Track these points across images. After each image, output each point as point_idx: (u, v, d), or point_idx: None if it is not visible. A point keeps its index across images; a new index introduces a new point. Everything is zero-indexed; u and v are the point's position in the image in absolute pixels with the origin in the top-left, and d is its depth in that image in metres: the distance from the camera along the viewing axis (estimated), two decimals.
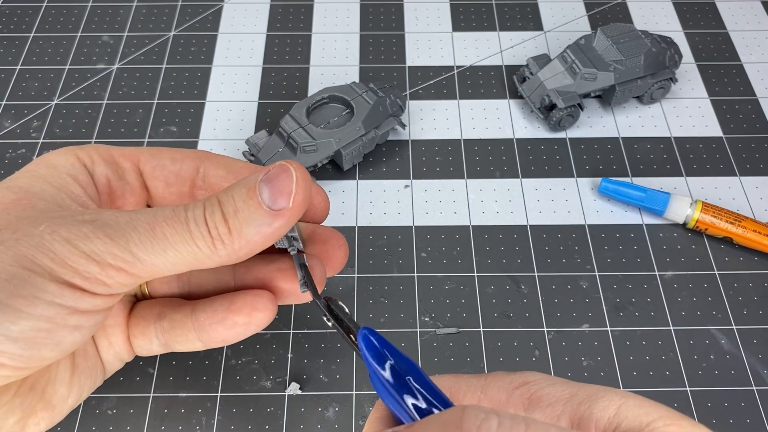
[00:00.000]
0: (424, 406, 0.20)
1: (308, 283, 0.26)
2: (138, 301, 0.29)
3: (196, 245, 0.22)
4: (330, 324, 0.24)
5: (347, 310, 0.25)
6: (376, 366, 0.21)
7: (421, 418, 0.20)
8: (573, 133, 0.46)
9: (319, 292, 0.26)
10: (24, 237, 0.21)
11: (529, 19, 0.53)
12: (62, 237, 0.21)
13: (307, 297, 0.27)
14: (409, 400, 0.20)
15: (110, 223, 0.22)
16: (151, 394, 0.35)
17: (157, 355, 0.37)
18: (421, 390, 0.20)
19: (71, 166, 0.25)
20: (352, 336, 0.23)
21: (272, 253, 0.28)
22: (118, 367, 0.28)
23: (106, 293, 0.22)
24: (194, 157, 0.27)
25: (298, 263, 0.26)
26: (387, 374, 0.21)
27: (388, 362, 0.21)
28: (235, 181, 0.27)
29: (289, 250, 0.26)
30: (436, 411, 0.20)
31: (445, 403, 0.21)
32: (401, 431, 0.19)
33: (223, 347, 0.37)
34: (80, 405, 0.35)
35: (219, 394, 0.35)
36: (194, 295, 0.29)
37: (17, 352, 0.21)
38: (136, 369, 0.36)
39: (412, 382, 0.21)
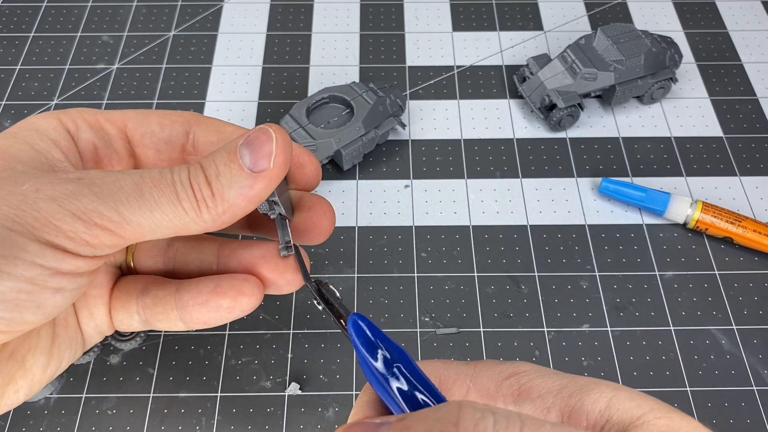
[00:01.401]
0: (413, 395, 0.20)
1: (298, 262, 0.25)
2: (123, 275, 0.29)
3: (182, 207, 0.22)
4: (320, 308, 0.24)
5: (338, 295, 0.24)
6: (365, 352, 0.21)
7: (408, 405, 0.20)
8: (573, 133, 0.46)
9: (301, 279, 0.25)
10: (6, 195, 0.21)
11: (529, 19, 0.53)
12: (47, 195, 0.21)
13: (294, 287, 0.26)
14: (397, 387, 0.20)
15: (96, 182, 0.21)
16: (151, 394, 0.35)
17: (157, 355, 0.37)
18: (410, 378, 0.20)
19: (54, 131, 0.25)
20: (342, 321, 0.23)
21: (255, 228, 0.28)
22: (97, 340, 0.28)
23: (89, 254, 0.22)
24: (183, 121, 0.27)
25: (281, 231, 0.26)
26: (378, 362, 0.21)
27: (378, 349, 0.21)
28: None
29: (269, 214, 0.26)
30: (423, 399, 0.20)
31: (434, 393, 0.20)
32: (393, 422, 0.19)
33: (223, 347, 0.37)
34: (80, 405, 0.35)
35: (219, 394, 0.35)
36: (178, 273, 0.29)
37: None
38: (136, 369, 0.36)
39: (402, 369, 0.21)
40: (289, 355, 0.37)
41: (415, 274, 0.40)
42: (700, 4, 0.54)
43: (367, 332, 0.21)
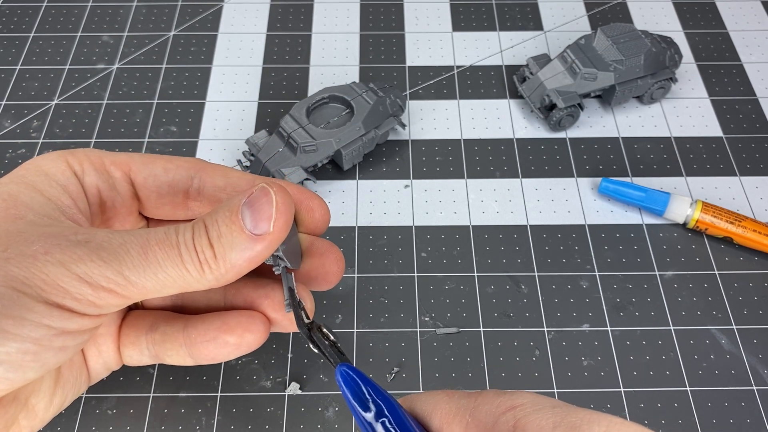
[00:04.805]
0: None
1: (293, 308, 0.26)
2: (130, 310, 0.29)
3: (186, 269, 0.22)
4: (316, 351, 0.24)
5: (333, 338, 0.24)
6: (355, 404, 0.21)
7: None
8: (573, 133, 0.46)
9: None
10: (15, 256, 0.21)
11: (529, 19, 0.53)
12: (56, 259, 0.21)
13: (294, 327, 0.27)
14: None
15: (104, 245, 0.22)
16: (151, 394, 0.35)
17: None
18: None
19: (62, 175, 0.25)
20: (334, 366, 0.23)
21: (262, 276, 0.28)
22: (103, 375, 0.28)
23: (95, 313, 0.22)
24: (188, 167, 0.27)
25: (285, 284, 0.26)
26: (366, 413, 0.21)
27: (368, 400, 0.21)
28: (233, 193, 0.27)
29: (274, 269, 0.26)
30: None
31: None
32: None
33: None
34: (80, 405, 0.35)
35: (219, 394, 0.35)
36: (186, 308, 0.29)
37: (2, 374, 0.21)
38: (136, 369, 0.36)
39: (389, 423, 0.21)
40: (289, 355, 0.37)
41: (415, 274, 0.40)
42: (700, 4, 0.54)
43: (358, 382, 0.21)
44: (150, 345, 0.27)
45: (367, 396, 0.21)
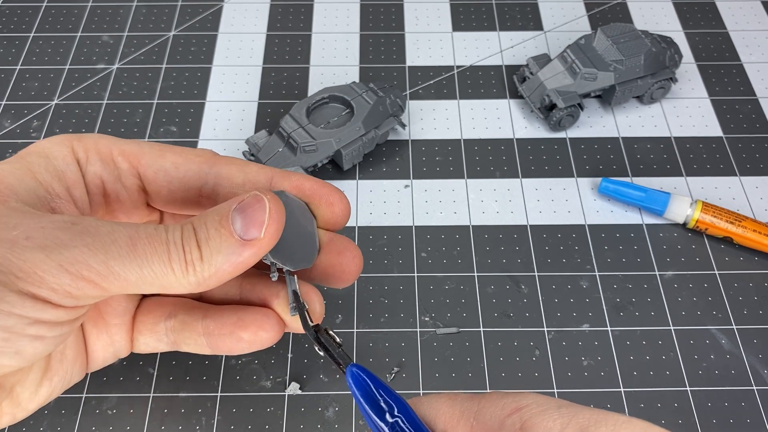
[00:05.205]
0: None
1: (299, 310, 0.25)
2: (145, 297, 0.29)
3: (171, 267, 0.22)
4: (322, 354, 0.24)
5: (339, 340, 0.24)
6: (366, 405, 0.21)
7: None
8: (573, 133, 0.46)
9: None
10: None
11: (529, 19, 0.53)
12: (37, 243, 0.20)
13: (301, 328, 0.27)
14: None
15: (90, 230, 0.21)
16: (151, 394, 0.35)
17: (157, 355, 0.37)
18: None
19: (63, 160, 0.25)
20: (342, 368, 0.23)
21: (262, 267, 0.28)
22: (110, 362, 0.28)
23: (71, 305, 0.22)
24: (201, 161, 0.26)
25: (290, 287, 0.26)
26: (378, 415, 0.21)
27: (379, 400, 0.21)
28: (252, 189, 0.26)
29: (270, 275, 0.26)
30: None
31: None
32: None
33: None
34: (80, 405, 0.35)
35: (219, 394, 0.35)
36: (202, 298, 0.29)
37: None
38: (136, 369, 0.36)
39: (401, 423, 0.21)
40: (289, 355, 0.37)
41: (415, 274, 0.40)
42: (700, 4, 0.54)
43: (369, 383, 0.21)
44: (169, 332, 0.27)
45: (378, 396, 0.21)
